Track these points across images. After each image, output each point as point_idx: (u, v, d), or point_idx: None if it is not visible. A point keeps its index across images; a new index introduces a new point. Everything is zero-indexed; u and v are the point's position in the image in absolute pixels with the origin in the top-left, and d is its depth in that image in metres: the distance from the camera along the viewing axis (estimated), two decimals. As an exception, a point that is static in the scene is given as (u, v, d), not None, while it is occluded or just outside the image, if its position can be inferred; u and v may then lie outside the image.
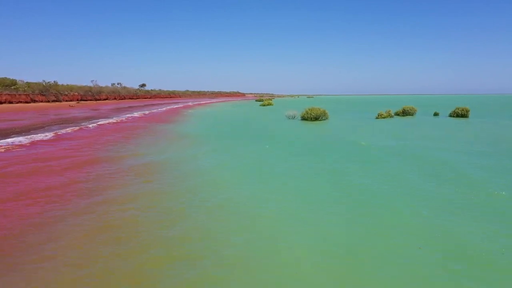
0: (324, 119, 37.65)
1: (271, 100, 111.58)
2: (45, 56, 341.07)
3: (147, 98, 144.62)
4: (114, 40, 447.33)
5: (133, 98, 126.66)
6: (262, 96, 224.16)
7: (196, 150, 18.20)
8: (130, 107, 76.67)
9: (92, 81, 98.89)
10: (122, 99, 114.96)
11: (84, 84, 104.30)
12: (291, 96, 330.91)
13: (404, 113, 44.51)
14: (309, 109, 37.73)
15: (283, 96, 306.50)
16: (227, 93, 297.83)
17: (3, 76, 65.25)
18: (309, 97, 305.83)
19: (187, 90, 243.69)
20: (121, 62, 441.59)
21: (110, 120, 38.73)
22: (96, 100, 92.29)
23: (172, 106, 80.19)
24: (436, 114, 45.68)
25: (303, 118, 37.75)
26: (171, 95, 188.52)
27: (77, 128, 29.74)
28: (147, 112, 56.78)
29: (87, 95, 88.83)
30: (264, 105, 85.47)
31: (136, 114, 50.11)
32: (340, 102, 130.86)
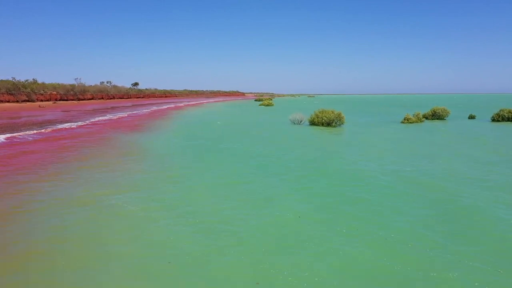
0: (339, 125, 29.53)
1: (271, 99, 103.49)
2: (45, 56, 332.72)
3: (139, 97, 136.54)
4: (113, 40, 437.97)
5: (123, 98, 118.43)
6: (262, 96, 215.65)
7: (117, 187, 10.10)
8: (112, 107, 68.53)
9: (76, 79, 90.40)
10: (110, 98, 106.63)
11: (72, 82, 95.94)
12: (292, 95, 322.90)
13: (434, 116, 36.42)
14: (319, 112, 29.60)
15: (283, 96, 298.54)
16: (226, 92, 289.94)
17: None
18: (309, 96, 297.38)
19: (185, 90, 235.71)
20: (120, 62, 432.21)
21: (68, 125, 30.63)
22: (79, 100, 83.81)
23: (161, 107, 72.14)
24: (472, 117, 37.57)
25: (312, 123, 29.65)
26: (166, 95, 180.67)
27: (4, 138, 21.63)
28: (126, 114, 48.72)
29: (69, 94, 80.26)
30: (263, 105, 77.41)
31: (110, 117, 42.05)
32: (344, 102, 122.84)
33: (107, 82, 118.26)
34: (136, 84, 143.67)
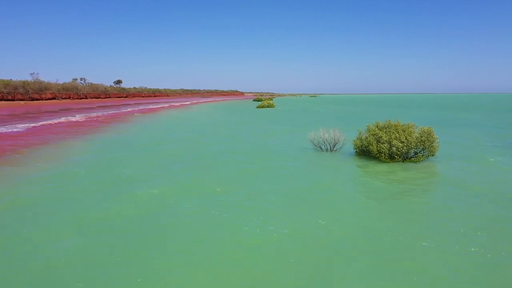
0: (429, 157, 13.06)
1: (271, 99, 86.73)
2: (43, 56, 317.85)
3: (121, 97, 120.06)
4: (112, 40, 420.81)
5: (100, 98, 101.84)
6: (261, 95, 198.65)
7: None
8: (62, 110, 52.08)
9: (31, 74, 73.84)
10: (81, 98, 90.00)
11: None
12: (293, 95, 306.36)
13: None
14: (380, 130, 13.05)
15: (284, 95, 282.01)
16: (224, 92, 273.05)
17: None
18: (312, 96, 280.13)
19: (181, 89, 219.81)
20: (120, 62, 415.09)
21: None
22: (33, 100, 67.31)
23: (128, 109, 55.84)
24: None
25: (364, 152, 13.18)
26: (156, 94, 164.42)
27: None
28: (56, 121, 32.42)
29: (16, 93, 63.67)
30: (262, 107, 60.54)
31: (18, 129, 25.71)
32: (357, 102, 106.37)
33: (81, 79, 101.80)
34: (118, 82, 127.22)
